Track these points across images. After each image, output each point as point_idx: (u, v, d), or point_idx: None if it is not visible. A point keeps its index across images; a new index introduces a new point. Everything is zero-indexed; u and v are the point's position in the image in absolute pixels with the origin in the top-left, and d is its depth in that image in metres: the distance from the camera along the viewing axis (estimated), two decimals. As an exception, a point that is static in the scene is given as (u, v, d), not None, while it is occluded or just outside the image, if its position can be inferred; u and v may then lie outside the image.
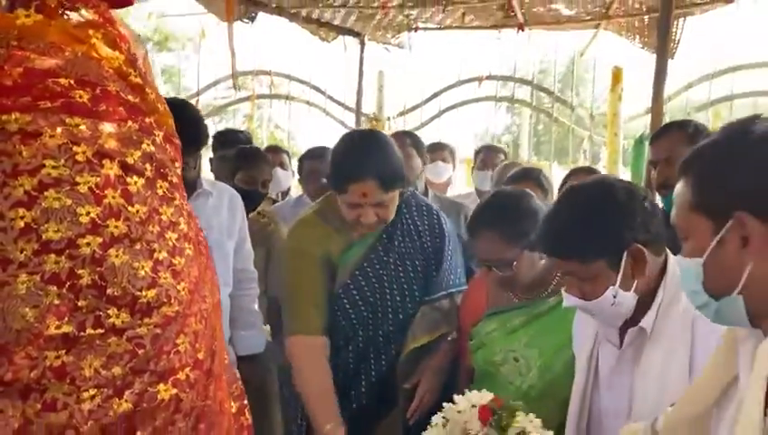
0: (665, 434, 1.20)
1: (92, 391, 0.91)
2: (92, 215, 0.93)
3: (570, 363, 1.77)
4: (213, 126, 7.45)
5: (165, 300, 1.01)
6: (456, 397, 1.56)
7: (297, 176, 3.61)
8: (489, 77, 6.41)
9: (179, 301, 1.04)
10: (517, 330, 1.87)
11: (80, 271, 0.92)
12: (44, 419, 0.87)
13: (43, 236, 0.89)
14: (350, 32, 6.14)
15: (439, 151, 3.90)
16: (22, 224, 0.88)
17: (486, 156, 3.88)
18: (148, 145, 1.05)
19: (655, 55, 5.32)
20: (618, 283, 1.39)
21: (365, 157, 1.83)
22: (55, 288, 0.90)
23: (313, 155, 3.37)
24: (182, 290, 1.05)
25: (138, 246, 0.99)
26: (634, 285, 1.40)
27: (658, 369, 1.40)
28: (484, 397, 1.52)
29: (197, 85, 6.79)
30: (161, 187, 1.07)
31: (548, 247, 1.52)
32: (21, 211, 0.88)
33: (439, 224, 2.06)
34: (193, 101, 6.43)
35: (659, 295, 1.44)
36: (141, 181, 1.02)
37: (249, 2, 5.33)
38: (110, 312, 0.94)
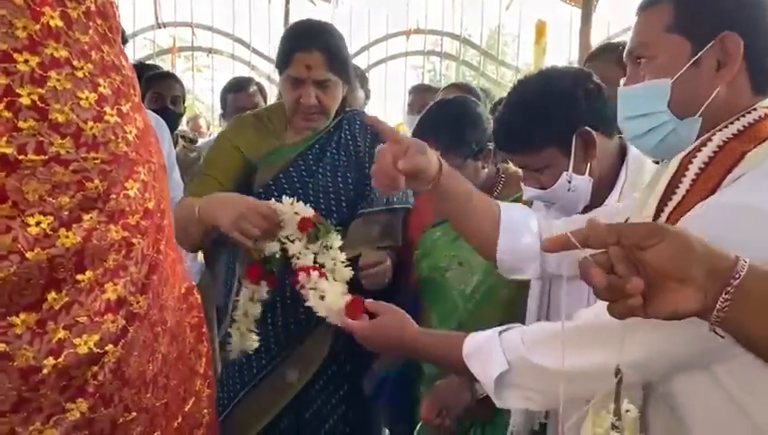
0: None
1: (38, 217, 0.84)
2: (30, 30, 0.86)
3: (513, 266, 1.80)
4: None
5: (112, 137, 0.95)
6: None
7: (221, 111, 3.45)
8: (417, 31, 6.40)
9: (127, 142, 0.98)
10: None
11: (18, 89, 0.84)
12: (-15, 239, 0.79)
13: None
14: (274, -18, 5.99)
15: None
16: None
17: (416, 97, 3.70)
18: None
19: (575, 9, 5.45)
20: (570, 168, 1.41)
21: (313, 31, 1.80)
22: (-10, 103, 0.82)
23: (236, 88, 3.22)
24: (129, 133, 0.99)
25: (80, 75, 0.92)
26: (587, 168, 1.43)
27: None
28: (308, 211, 1.63)
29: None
30: (101, 25, 1.00)
31: (500, 143, 1.54)
32: None
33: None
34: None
35: (621, 176, 1.46)
36: (81, 9, 0.94)
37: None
38: (52, 139, 0.87)
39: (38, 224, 0.83)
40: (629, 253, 0.68)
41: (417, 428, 1.82)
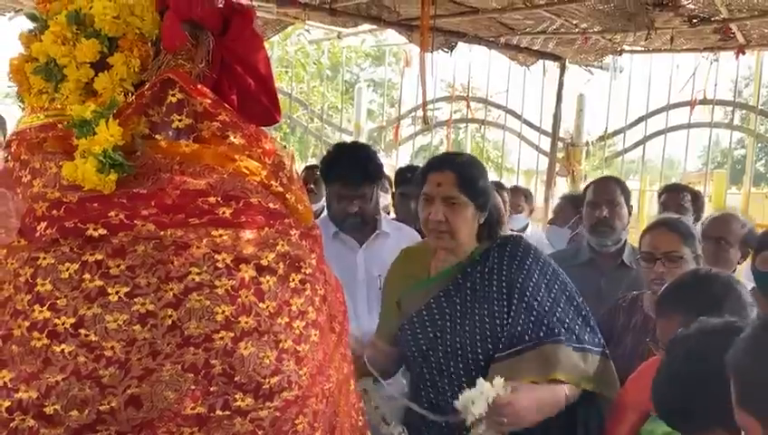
0: None
1: None
2: (227, 313, 1.10)
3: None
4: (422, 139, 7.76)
5: (286, 385, 1.16)
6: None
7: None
8: (703, 101, 5.90)
9: (300, 385, 1.18)
10: None
11: (213, 361, 1.09)
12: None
13: (185, 332, 1.08)
14: (550, 56, 6.04)
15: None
16: (169, 322, 1.07)
17: (669, 198, 3.47)
18: (282, 245, 1.20)
19: None
20: None
21: (450, 156, 2.13)
22: (192, 375, 1.08)
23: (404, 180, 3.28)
24: (304, 375, 1.19)
25: (265, 338, 1.14)
26: None
27: None
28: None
29: (415, 100, 7.04)
30: (293, 280, 1.22)
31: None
32: (169, 311, 1.08)
33: (542, 269, 1.95)
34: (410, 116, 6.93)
35: None
36: (273, 279, 1.18)
37: (449, 32, 5.47)
38: (236, 396, 1.10)
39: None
40: None
41: None
